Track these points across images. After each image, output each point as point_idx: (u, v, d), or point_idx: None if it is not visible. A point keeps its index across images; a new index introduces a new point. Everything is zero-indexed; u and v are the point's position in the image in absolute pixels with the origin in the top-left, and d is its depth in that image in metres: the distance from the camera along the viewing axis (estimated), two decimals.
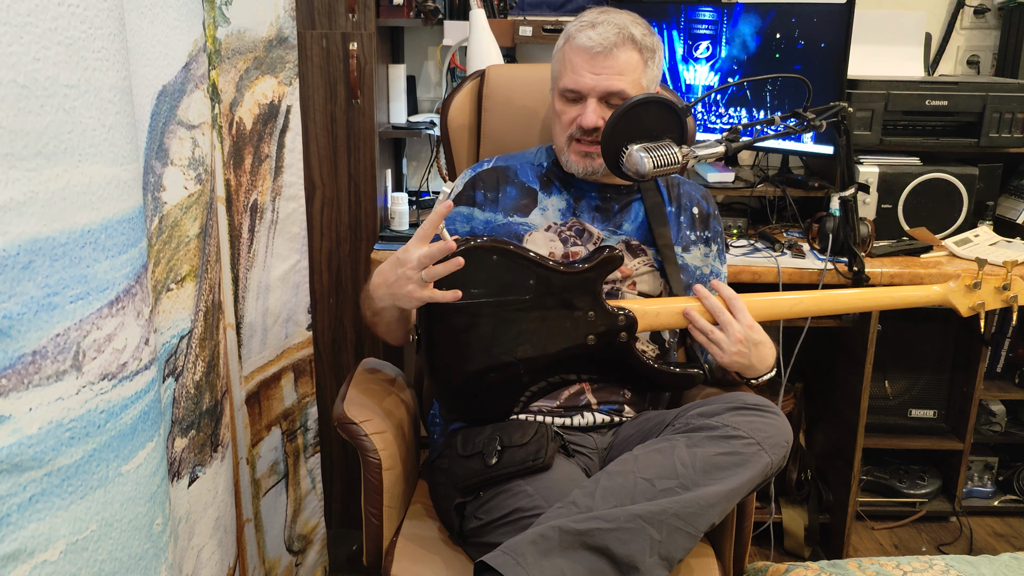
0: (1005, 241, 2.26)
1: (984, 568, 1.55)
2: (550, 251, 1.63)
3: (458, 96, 1.95)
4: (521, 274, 1.49)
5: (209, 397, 1.44)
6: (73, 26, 0.91)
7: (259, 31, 1.67)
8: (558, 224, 1.66)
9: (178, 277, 1.32)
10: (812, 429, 2.51)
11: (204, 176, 1.37)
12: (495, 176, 1.69)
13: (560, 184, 1.69)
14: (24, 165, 0.86)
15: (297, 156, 1.84)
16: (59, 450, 0.93)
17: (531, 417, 1.56)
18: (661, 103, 1.51)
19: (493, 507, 1.40)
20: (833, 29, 2.15)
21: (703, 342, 1.53)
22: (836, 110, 1.72)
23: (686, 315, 1.53)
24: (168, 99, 1.26)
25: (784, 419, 1.39)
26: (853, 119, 2.25)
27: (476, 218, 1.67)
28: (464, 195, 1.69)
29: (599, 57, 1.55)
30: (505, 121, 1.92)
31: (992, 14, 2.62)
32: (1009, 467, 2.57)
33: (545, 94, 1.77)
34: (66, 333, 0.93)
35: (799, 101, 2.25)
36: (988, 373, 2.43)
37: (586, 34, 1.56)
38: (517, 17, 2.42)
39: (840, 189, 1.97)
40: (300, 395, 1.96)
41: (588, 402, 1.59)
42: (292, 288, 1.87)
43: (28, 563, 0.91)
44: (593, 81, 1.56)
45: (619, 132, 1.50)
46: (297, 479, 1.99)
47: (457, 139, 1.95)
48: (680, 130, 1.54)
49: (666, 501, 1.26)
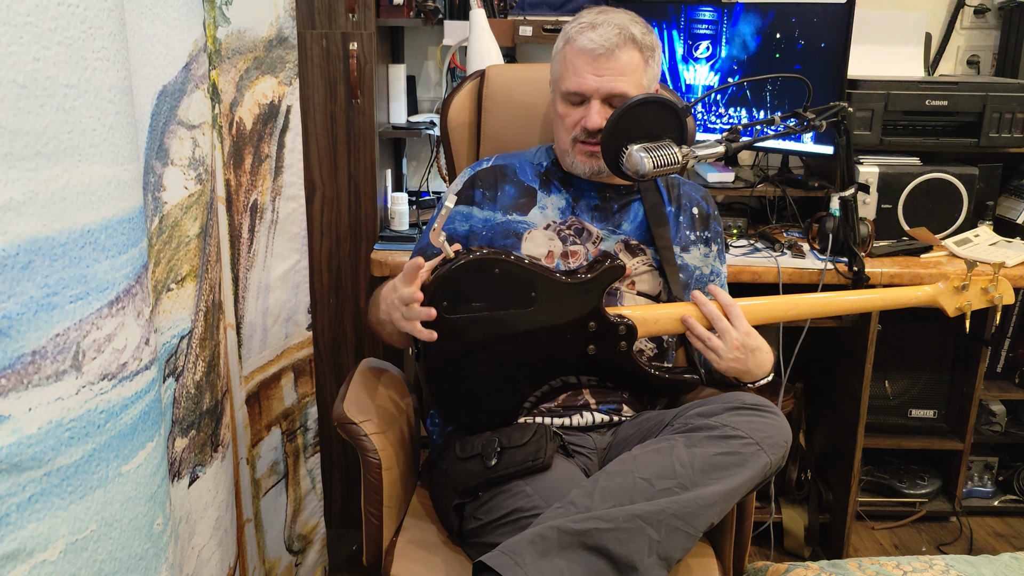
0: (1005, 241, 2.26)
1: (984, 568, 1.55)
2: (549, 250, 1.63)
3: (458, 96, 1.94)
4: (522, 286, 1.48)
5: (209, 397, 1.44)
6: (73, 26, 0.91)
7: (259, 31, 1.67)
8: (557, 223, 1.66)
9: (178, 277, 1.32)
10: (812, 429, 2.51)
11: (204, 176, 1.37)
12: (494, 175, 1.69)
13: (559, 183, 1.69)
14: (24, 165, 0.86)
15: (297, 156, 1.84)
16: (59, 450, 0.93)
17: (530, 418, 1.56)
18: (661, 103, 1.51)
19: (492, 507, 1.40)
20: (833, 29, 2.15)
21: (700, 348, 1.53)
22: (836, 110, 1.72)
23: (684, 322, 1.54)
24: (168, 99, 1.26)
25: (783, 419, 1.39)
26: (853, 119, 2.25)
27: (475, 216, 1.66)
28: (463, 194, 1.68)
29: (601, 59, 1.54)
30: (505, 121, 1.92)
31: (992, 14, 2.62)
32: (1009, 467, 2.57)
33: (545, 94, 1.77)
34: (66, 333, 0.93)
35: (799, 101, 2.25)
36: (988, 373, 2.43)
37: (587, 36, 1.55)
38: (517, 17, 2.42)
39: (840, 189, 1.97)
40: (300, 395, 1.96)
41: (586, 402, 1.59)
42: (292, 288, 1.87)
43: (27, 563, 0.91)
44: (596, 83, 1.55)
45: (619, 132, 1.50)
46: (297, 479, 1.99)
47: (457, 139, 1.95)
48: (680, 130, 1.54)
49: (665, 501, 1.26)
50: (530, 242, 1.64)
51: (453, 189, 1.71)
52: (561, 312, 1.50)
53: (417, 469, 1.73)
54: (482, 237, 1.65)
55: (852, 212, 1.99)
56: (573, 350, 1.52)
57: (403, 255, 2.12)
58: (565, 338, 1.51)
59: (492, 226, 1.65)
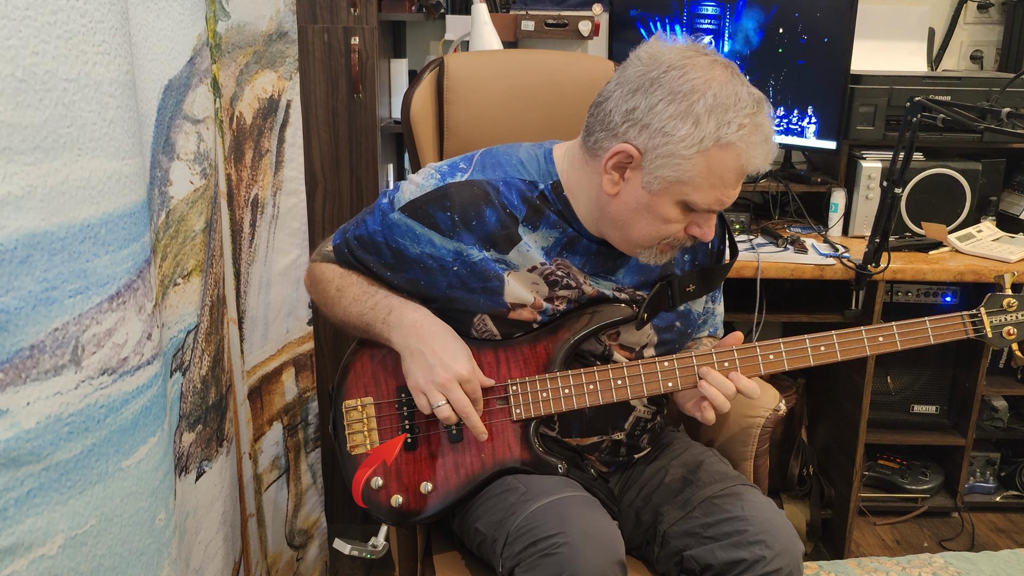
0: (1008, 236, 2.26)
1: (983, 564, 1.55)
2: (534, 296, 1.37)
3: (419, 89, 1.76)
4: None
5: (215, 392, 1.44)
6: (73, 20, 0.91)
7: (259, 25, 1.67)
8: (542, 264, 1.37)
9: (184, 272, 1.32)
10: (814, 424, 2.51)
11: (209, 171, 1.37)
12: (471, 193, 1.35)
13: (558, 217, 1.37)
14: (22, 159, 0.86)
15: (297, 151, 1.84)
16: (57, 444, 0.93)
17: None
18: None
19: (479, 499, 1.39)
20: (836, 24, 2.14)
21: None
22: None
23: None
24: (174, 93, 1.26)
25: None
26: (856, 114, 2.25)
27: (435, 243, 1.34)
28: (420, 210, 1.35)
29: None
30: (469, 114, 1.77)
31: (995, 9, 2.61)
32: (1011, 463, 2.56)
33: (509, 84, 1.69)
34: (64, 327, 0.93)
35: (803, 96, 2.25)
36: (990, 369, 2.42)
37: (761, 151, 1.23)
38: (519, 12, 2.41)
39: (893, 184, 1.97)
40: (301, 390, 1.96)
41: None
42: (293, 283, 1.87)
43: (26, 557, 0.91)
44: (734, 196, 1.28)
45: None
46: (298, 474, 1.99)
47: (421, 134, 1.78)
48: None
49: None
50: (512, 288, 1.36)
51: (404, 195, 1.38)
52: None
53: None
54: (451, 273, 1.36)
55: (895, 205, 1.99)
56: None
57: None
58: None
59: (466, 263, 1.35)
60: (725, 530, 1.33)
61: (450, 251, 1.35)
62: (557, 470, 1.36)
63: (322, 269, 1.47)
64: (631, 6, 2.41)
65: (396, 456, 1.39)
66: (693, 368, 1.34)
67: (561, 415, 1.41)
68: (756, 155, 1.23)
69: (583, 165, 1.33)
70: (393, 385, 1.41)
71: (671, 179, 1.23)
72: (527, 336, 1.39)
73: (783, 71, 2.26)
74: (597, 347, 1.41)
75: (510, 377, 1.38)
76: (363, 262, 1.41)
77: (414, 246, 1.36)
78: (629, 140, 1.24)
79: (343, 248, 1.43)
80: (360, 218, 1.43)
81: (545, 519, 1.24)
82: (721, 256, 1.51)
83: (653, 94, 1.22)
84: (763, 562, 1.28)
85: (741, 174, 1.24)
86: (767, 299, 2.15)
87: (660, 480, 1.46)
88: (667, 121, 1.20)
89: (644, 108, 1.22)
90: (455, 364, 1.31)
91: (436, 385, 1.30)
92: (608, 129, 1.26)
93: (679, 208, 1.26)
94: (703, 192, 1.24)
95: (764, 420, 1.53)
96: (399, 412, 1.40)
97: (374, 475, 1.39)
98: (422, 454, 1.38)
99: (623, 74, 1.27)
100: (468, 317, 1.38)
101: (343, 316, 1.43)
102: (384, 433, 1.40)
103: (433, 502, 1.37)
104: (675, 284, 1.41)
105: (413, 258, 1.36)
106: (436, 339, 1.33)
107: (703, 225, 1.30)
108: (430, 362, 1.31)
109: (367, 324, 1.39)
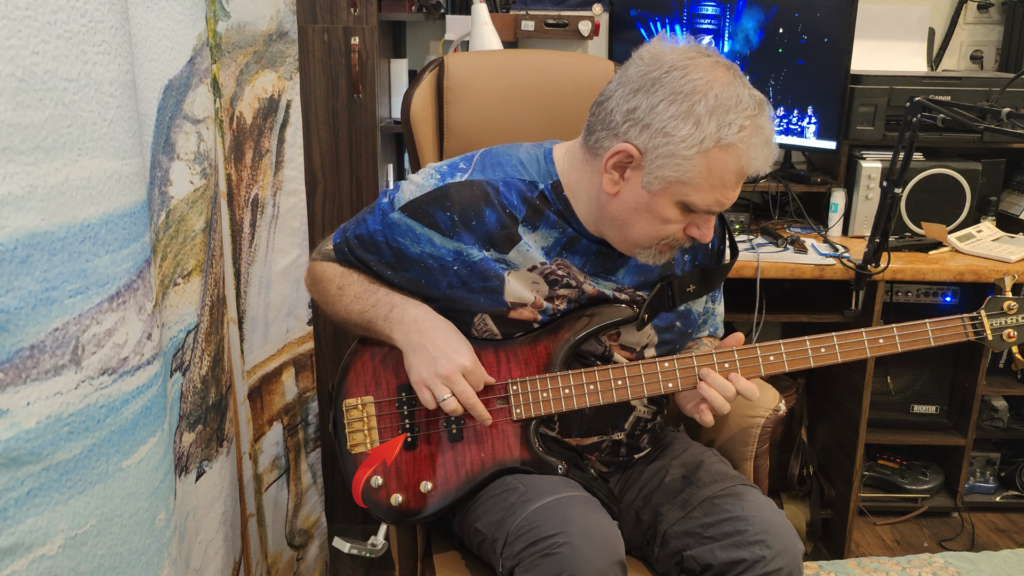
0: (1008, 236, 2.26)
1: (983, 564, 1.55)
2: (534, 295, 1.37)
3: (419, 89, 1.76)
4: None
5: (215, 392, 1.44)
6: (73, 20, 0.91)
7: (259, 25, 1.67)
8: (542, 264, 1.37)
9: (185, 271, 1.32)
10: (814, 424, 2.51)
11: (209, 171, 1.37)
12: (471, 193, 1.35)
13: (557, 217, 1.37)
14: (22, 159, 0.86)
15: (297, 151, 1.84)
16: (57, 444, 0.93)
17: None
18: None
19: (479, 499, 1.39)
20: (836, 24, 2.14)
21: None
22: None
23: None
24: (174, 93, 1.26)
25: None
26: (856, 114, 2.25)
27: (435, 243, 1.35)
28: (420, 210, 1.35)
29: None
30: (469, 114, 1.77)
31: (996, 9, 2.61)
32: (1011, 463, 2.56)
33: (509, 84, 1.69)
34: (65, 327, 0.93)
35: (803, 96, 2.25)
36: (990, 369, 2.42)
37: (762, 152, 1.23)
38: (519, 12, 2.41)
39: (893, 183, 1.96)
40: (301, 390, 1.96)
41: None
42: (293, 283, 1.87)
43: (26, 557, 0.91)
44: (734, 198, 1.28)
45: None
46: (298, 474, 1.99)
47: (421, 134, 1.78)
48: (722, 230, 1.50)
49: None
50: (512, 287, 1.36)
51: (405, 193, 1.39)
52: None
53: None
54: (451, 273, 1.36)
55: (895, 205, 1.99)
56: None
57: None
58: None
59: (466, 263, 1.35)
60: (725, 530, 1.33)
61: (450, 251, 1.35)
62: (557, 470, 1.36)
63: (323, 268, 1.47)
64: (631, 6, 2.41)
65: (396, 455, 1.39)
66: (694, 369, 1.34)
67: (561, 415, 1.41)
68: (756, 157, 1.23)
69: (583, 165, 1.33)
70: (393, 384, 1.41)
71: (671, 179, 1.23)
72: (527, 336, 1.39)
73: (783, 71, 2.26)
74: (597, 347, 1.41)
75: (510, 377, 1.38)
76: (363, 261, 1.42)
77: (414, 246, 1.36)
78: (630, 140, 1.24)
79: (343, 247, 1.43)
80: (360, 217, 1.43)
81: (545, 519, 1.24)
82: (721, 256, 1.51)
83: (654, 94, 1.22)
84: (763, 562, 1.28)
85: (741, 175, 1.24)
86: (767, 299, 2.15)
87: (660, 480, 1.46)
88: (668, 121, 1.20)
89: (645, 108, 1.22)
90: (458, 356, 1.32)
91: (440, 378, 1.31)
92: (609, 128, 1.26)
93: (678, 209, 1.26)
94: (703, 193, 1.24)
95: (764, 420, 1.53)
96: (399, 411, 1.40)
97: (374, 474, 1.39)
98: (422, 453, 1.38)
99: (625, 74, 1.27)
100: (469, 317, 1.38)
101: (344, 314, 1.43)
102: (384, 432, 1.40)
103: (433, 501, 1.37)
104: (675, 284, 1.42)
105: (413, 258, 1.37)
106: (438, 333, 1.34)
107: (702, 226, 1.30)
108: (433, 355, 1.32)
109: (368, 321, 1.39)
